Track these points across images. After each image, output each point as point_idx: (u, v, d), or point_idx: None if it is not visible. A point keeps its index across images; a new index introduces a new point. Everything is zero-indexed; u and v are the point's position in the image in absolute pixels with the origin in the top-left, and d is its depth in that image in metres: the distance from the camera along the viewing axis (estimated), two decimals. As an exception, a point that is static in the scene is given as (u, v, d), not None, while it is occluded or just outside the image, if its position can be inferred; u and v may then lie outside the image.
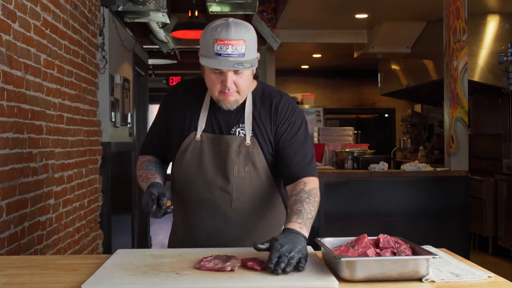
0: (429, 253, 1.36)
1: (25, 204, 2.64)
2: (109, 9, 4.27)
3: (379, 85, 9.06)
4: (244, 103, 1.77)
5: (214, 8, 4.67)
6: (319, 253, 1.60)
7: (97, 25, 4.14)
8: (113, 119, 4.34)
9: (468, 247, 4.62)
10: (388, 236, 1.52)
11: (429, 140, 8.23)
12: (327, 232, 4.18)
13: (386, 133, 11.14)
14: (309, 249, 1.66)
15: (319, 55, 9.15)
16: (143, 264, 1.46)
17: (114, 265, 1.45)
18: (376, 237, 1.53)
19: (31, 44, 2.75)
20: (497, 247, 5.62)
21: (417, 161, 4.68)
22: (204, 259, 1.46)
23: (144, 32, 5.98)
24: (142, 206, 1.64)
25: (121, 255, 1.58)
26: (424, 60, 7.00)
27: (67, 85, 3.38)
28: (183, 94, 1.87)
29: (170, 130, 1.84)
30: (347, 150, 4.99)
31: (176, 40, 6.31)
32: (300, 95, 9.25)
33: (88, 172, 3.85)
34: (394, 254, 1.43)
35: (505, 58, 4.40)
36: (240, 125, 1.77)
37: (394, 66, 8.19)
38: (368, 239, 1.51)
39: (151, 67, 8.26)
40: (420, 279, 1.34)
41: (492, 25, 5.81)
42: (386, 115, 11.34)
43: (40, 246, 2.85)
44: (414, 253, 1.42)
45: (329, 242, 1.54)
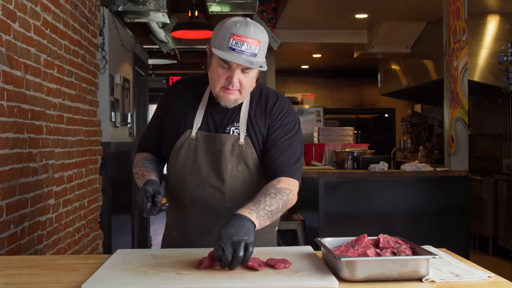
0: (429, 253, 1.36)
1: (25, 204, 2.64)
2: (109, 9, 4.27)
3: (379, 85, 9.06)
4: (241, 103, 1.78)
5: (214, 8, 4.67)
6: (319, 253, 1.60)
7: (97, 25, 4.14)
8: (113, 119, 4.34)
9: (468, 247, 4.62)
10: (388, 236, 1.52)
11: (429, 140, 8.23)
12: (327, 232, 4.18)
13: (386, 133, 11.14)
14: (309, 249, 1.66)
15: (319, 55, 9.15)
16: (143, 264, 1.46)
17: (114, 265, 1.45)
18: (376, 237, 1.53)
19: (31, 44, 2.75)
20: (497, 247, 5.62)
21: (417, 161, 4.68)
22: (204, 258, 1.45)
23: (144, 32, 5.98)
24: (138, 203, 1.65)
25: (121, 255, 1.57)
26: (424, 60, 7.00)
27: (67, 85, 3.38)
28: (181, 92, 1.87)
29: (167, 128, 1.85)
30: (347, 150, 4.98)
31: (176, 40, 6.31)
32: (300, 95, 9.25)
33: (88, 172, 3.85)
34: (394, 254, 1.43)
35: (505, 58, 4.40)
36: (235, 124, 1.77)
37: (394, 66, 8.19)
38: (368, 239, 1.51)
39: (151, 67, 8.26)
40: (420, 279, 1.34)
41: (492, 25, 5.81)
42: (386, 115, 11.34)
43: (40, 246, 2.85)
44: (414, 253, 1.42)
45: (329, 242, 1.54)
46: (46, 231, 2.96)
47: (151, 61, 7.58)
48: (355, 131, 6.18)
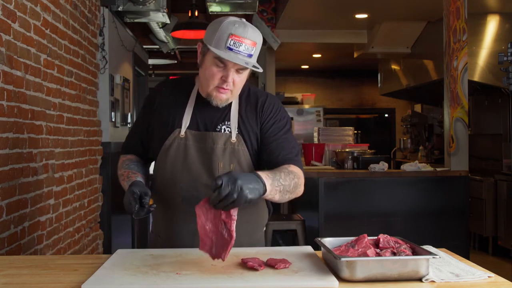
0: (429, 253, 1.36)
1: (25, 204, 2.64)
2: (109, 9, 4.28)
3: (379, 85, 9.06)
4: (230, 102, 1.78)
5: (214, 8, 4.67)
6: (319, 253, 1.60)
7: (97, 25, 4.14)
8: (113, 119, 4.34)
9: (468, 247, 4.62)
10: (388, 236, 1.52)
11: (429, 140, 8.23)
12: (327, 232, 4.18)
13: (386, 133, 11.14)
14: (309, 249, 1.66)
15: (319, 55, 9.15)
16: (143, 264, 1.46)
17: (114, 265, 1.45)
18: (376, 237, 1.53)
19: (31, 44, 2.75)
20: (497, 247, 5.62)
21: (417, 161, 4.68)
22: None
23: (144, 32, 5.99)
24: (125, 206, 1.64)
25: (121, 255, 1.58)
26: (424, 60, 7.00)
27: (67, 85, 3.38)
28: (167, 93, 1.86)
29: (153, 128, 1.83)
30: (347, 150, 4.98)
31: (176, 40, 6.32)
32: (300, 95, 9.24)
33: (88, 172, 3.85)
34: (394, 254, 1.43)
35: (505, 58, 4.40)
36: (226, 123, 1.77)
37: (394, 66, 8.19)
38: (368, 239, 1.51)
39: (151, 67, 8.27)
40: (420, 279, 1.34)
41: (492, 25, 5.81)
42: (386, 115, 11.34)
43: (40, 246, 2.85)
44: (414, 253, 1.42)
45: (329, 242, 1.54)
46: (46, 231, 2.96)
47: (151, 61, 7.58)
48: (355, 131, 6.18)
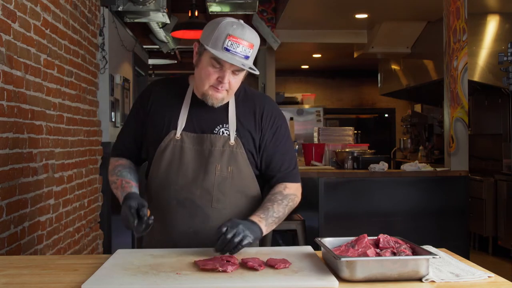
0: (429, 253, 1.36)
1: (25, 204, 2.64)
2: (109, 9, 4.28)
3: (379, 85, 9.06)
4: (227, 104, 1.77)
5: (214, 8, 4.67)
6: (319, 253, 1.60)
7: (97, 25, 4.14)
8: (113, 119, 4.34)
9: (468, 247, 4.62)
10: (388, 236, 1.52)
11: (429, 140, 8.23)
12: (327, 232, 4.18)
13: (386, 133, 11.14)
14: (309, 249, 1.66)
15: (319, 55, 9.15)
16: (143, 264, 1.46)
17: (114, 265, 1.45)
18: (376, 237, 1.53)
19: (31, 44, 2.75)
20: (497, 247, 5.62)
21: (417, 161, 4.68)
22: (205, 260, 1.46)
23: (144, 32, 5.99)
24: (122, 221, 1.60)
25: (121, 255, 1.57)
26: (424, 60, 7.00)
27: (67, 85, 3.38)
28: (161, 93, 1.83)
29: (147, 129, 1.81)
30: (347, 150, 4.98)
31: (176, 40, 6.32)
32: (300, 95, 9.24)
33: (88, 172, 3.85)
34: (394, 254, 1.43)
35: (505, 58, 4.39)
36: (224, 125, 1.76)
37: (394, 66, 8.19)
38: (368, 239, 1.51)
39: (151, 67, 8.27)
40: (420, 279, 1.34)
41: (492, 25, 5.81)
42: (386, 115, 11.34)
43: (40, 246, 2.85)
44: (414, 253, 1.42)
45: (329, 242, 1.54)
46: (46, 231, 2.96)
47: (151, 61, 7.58)
48: (355, 131, 6.18)
